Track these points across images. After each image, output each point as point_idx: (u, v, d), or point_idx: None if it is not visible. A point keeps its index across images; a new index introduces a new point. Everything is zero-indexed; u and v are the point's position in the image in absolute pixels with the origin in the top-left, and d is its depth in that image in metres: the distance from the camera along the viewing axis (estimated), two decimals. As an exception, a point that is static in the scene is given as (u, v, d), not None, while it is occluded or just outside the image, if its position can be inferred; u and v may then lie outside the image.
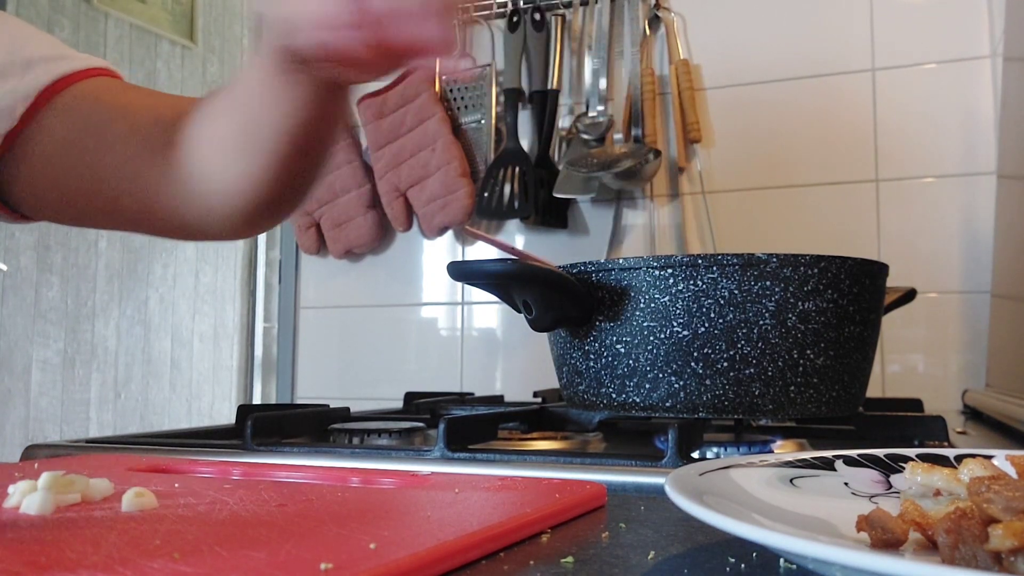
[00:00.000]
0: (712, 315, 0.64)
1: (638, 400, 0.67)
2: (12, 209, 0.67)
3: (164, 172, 0.64)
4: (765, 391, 0.65)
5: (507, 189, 1.44)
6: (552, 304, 0.68)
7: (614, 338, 0.68)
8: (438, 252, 1.60)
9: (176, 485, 0.45)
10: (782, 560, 0.33)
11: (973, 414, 1.10)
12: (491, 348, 1.54)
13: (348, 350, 1.64)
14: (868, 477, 0.41)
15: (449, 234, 1.57)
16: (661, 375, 0.66)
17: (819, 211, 1.35)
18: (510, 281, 0.68)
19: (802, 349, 0.65)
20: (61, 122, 0.63)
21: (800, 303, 0.65)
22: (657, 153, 1.36)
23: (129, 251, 3.19)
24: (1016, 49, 1.09)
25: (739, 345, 0.64)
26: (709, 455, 0.68)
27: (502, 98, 1.51)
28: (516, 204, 1.43)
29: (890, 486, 0.40)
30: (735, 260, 0.64)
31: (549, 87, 1.47)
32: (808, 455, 0.42)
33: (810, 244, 1.34)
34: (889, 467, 0.42)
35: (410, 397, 1.18)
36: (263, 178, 0.63)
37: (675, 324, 0.65)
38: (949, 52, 1.31)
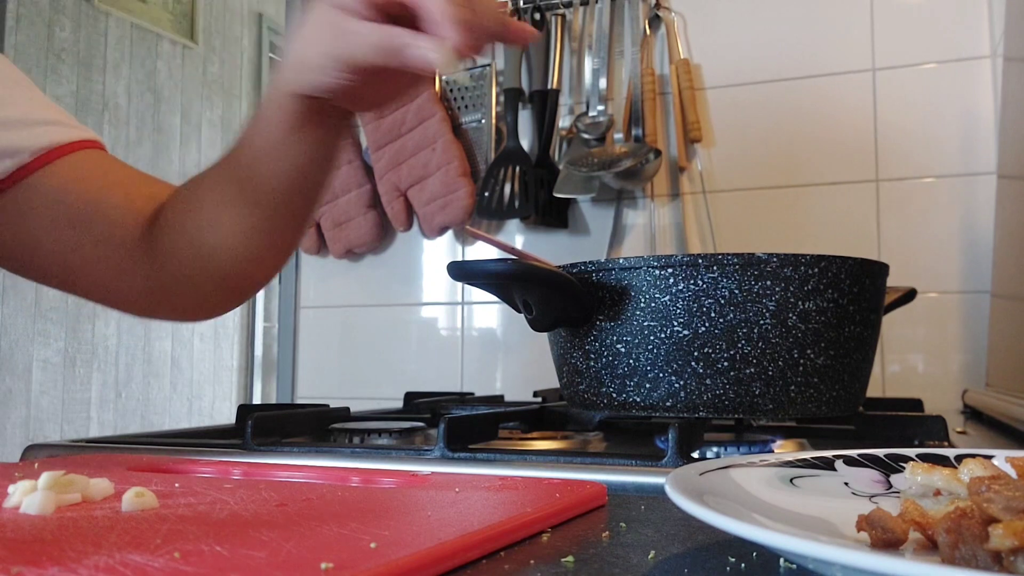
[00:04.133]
0: (712, 315, 0.64)
1: (638, 400, 0.67)
2: None
3: (139, 265, 0.66)
4: (765, 391, 0.65)
5: (507, 189, 1.44)
6: (552, 304, 0.68)
7: (614, 338, 0.68)
8: (438, 252, 1.60)
9: (176, 485, 0.45)
10: (782, 560, 0.33)
11: (973, 414, 1.10)
12: (491, 348, 1.54)
13: (348, 350, 1.64)
14: (868, 477, 0.41)
15: (449, 234, 1.57)
16: (661, 375, 0.66)
17: (819, 211, 1.35)
18: (510, 281, 0.68)
19: (802, 349, 0.65)
20: (44, 191, 0.63)
21: (800, 303, 0.65)
22: (657, 153, 1.36)
23: (129, 251, 3.19)
24: (1016, 49, 1.09)
25: (739, 345, 0.64)
26: (709, 455, 0.68)
27: (502, 98, 1.50)
28: (516, 204, 1.43)
29: (890, 486, 0.40)
30: (735, 260, 0.64)
31: (549, 87, 1.47)
32: (808, 455, 0.42)
33: (810, 244, 1.34)
34: (889, 467, 0.42)
35: (410, 397, 1.18)
36: (265, 229, 0.65)
37: (675, 324, 0.65)
38: (949, 52, 1.31)
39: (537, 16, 1.49)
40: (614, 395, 0.68)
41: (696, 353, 0.65)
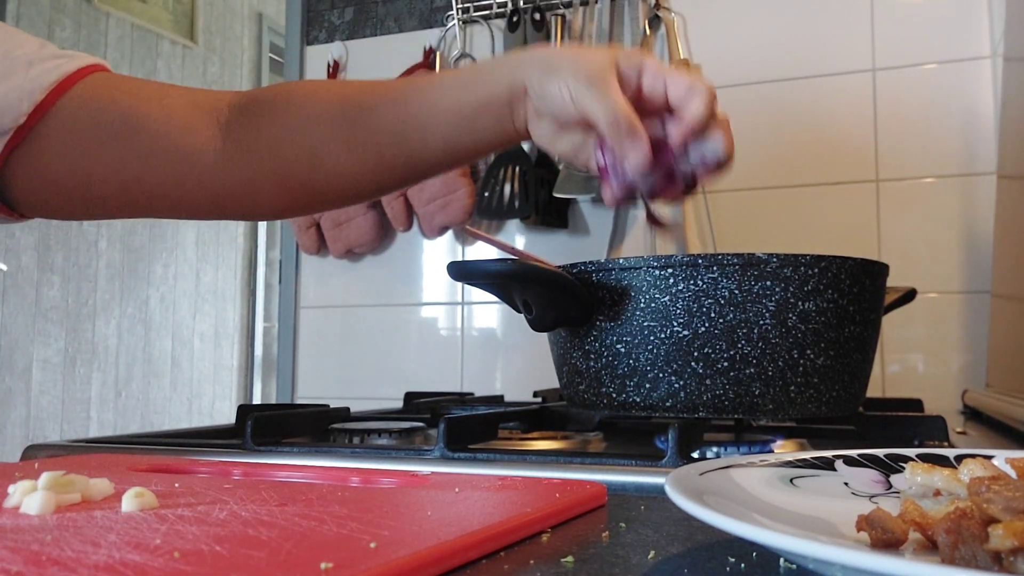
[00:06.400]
0: (712, 315, 0.64)
1: (638, 400, 0.67)
2: (10, 208, 0.67)
3: (200, 173, 0.65)
4: (765, 391, 0.65)
5: (507, 189, 1.44)
6: (552, 304, 0.68)
7: (614, 338, 0.68)
8: (438, 252, 1.60)
9: (176, 485, 0.45)
10: (782, 560, 0.33)
11: (973, 414, 1.10)
12: (491, 348, 1.54)
13: (348, 350, 1.64)
14: (868, 477, 0.41)
15: (449, 234, 1.57)
16: (661, 375, 0.66)
17: (819, 211, 1.35)
18: (510, 281, 0.68)
19: (802, 349, 0.65)
20: (75, 119, 0.64)
21: (800, 303, 0.65)
22: (657, 153, 1.35)
23: (130, 251, 3.19)
24: (1016, 49, 1.09)
25: (739, 345, 0.64)
26: (709, 455, 0.68)
27: (502, 98, 1.50)
28: (516, 204, 1.43)
29: (890, 486, 0.40)
30: (735, 260, 0.64)
31: (549, 87, 1.47)
32: (808, 455, 0.42)
33: (810, 244, 1.34)
34: (889, 467, 0.42)
35: (410, 397, 1.18)
36: (381, 175, 0.64)
37: (675, 324, 0.65)
38: (949, 52, 1.31)
39: (537, 16, 1.49)
40: (614, 395, 0.68)
41: (696, 353, 0.65)
